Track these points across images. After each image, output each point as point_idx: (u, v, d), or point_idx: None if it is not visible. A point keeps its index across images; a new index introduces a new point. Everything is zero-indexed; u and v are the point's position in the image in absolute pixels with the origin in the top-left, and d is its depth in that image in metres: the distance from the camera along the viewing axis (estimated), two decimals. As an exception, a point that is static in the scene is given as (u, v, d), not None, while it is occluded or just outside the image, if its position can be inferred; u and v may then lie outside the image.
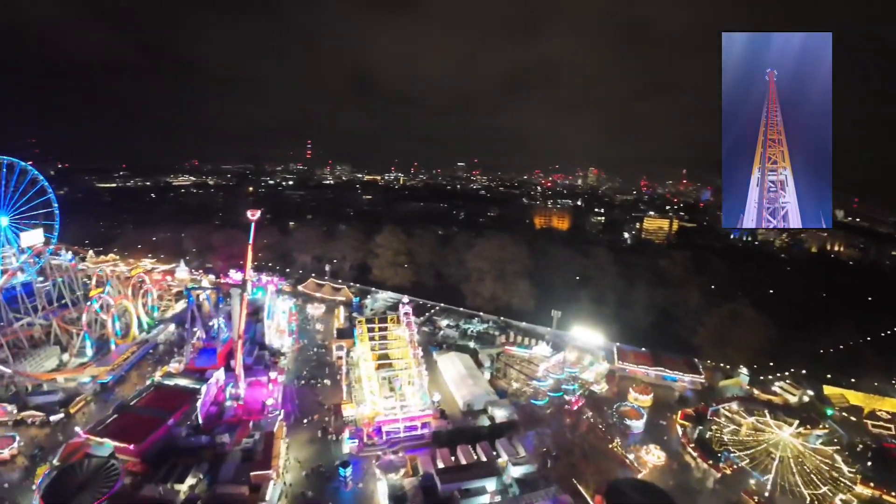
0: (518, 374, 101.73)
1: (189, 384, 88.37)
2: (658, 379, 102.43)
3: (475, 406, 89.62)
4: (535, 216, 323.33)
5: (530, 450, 74.42)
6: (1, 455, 74.46)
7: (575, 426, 78.47)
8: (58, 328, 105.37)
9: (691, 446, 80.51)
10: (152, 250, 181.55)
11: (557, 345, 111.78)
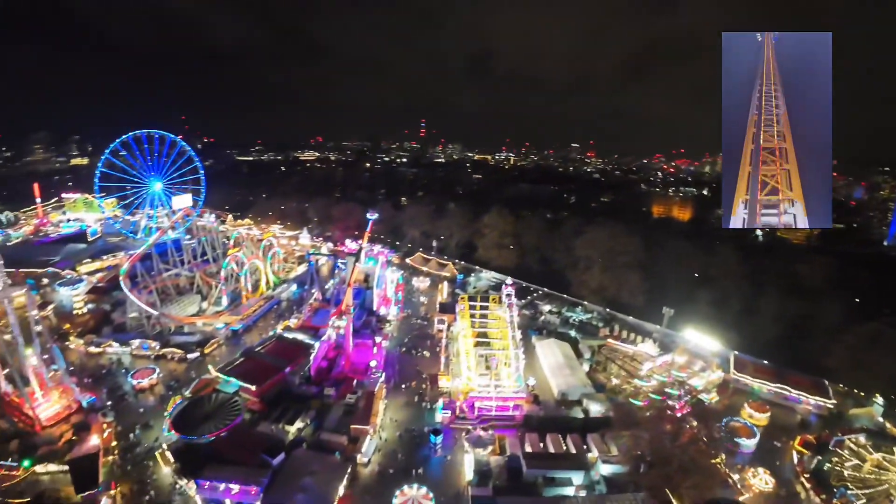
0: (619, 370, 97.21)
1: (305, 339, 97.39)
2: (778, 397, 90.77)
3: (570, 396, 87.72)
4: (653, 204, 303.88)
5: (623, 450, 70.99)
6: (142, 384, 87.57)
7: (676, 434, 72.74)
8: (200, 280, 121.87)
9: (805, 476, 71.40)
10: (280, 217, 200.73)
11: (666, 345, 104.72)
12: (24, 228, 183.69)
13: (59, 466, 68.30)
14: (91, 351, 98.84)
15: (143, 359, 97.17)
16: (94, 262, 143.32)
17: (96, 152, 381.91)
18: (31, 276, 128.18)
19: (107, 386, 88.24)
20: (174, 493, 65.68)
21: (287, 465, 66.29)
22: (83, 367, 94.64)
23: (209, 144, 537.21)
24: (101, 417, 76.67)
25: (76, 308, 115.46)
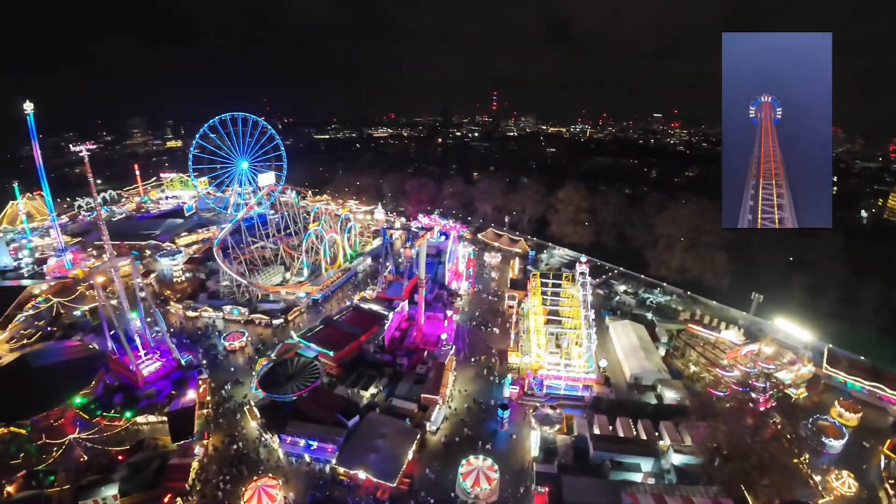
0: (698, 358, 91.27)
1: (379, 310, 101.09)
2: (873, 397, 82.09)
3: (643, 381, 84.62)
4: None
5: (698, 441, 67.57)
6: (233, 345, 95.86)
7: (756, 429, 67.69)
8: (283, 252, 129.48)
9: (891, 482, 64.82)
10: (356, 193, 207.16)
11: (752, 333, 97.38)
12: (128, 205, 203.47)
13: (158, 418, 76.70)
14: (188, 315, 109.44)
15: (234, 323, 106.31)
16: (191, 236, 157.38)
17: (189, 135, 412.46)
18: (135, 248, 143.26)
19: (202, 346, 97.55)
20: (260, 446, 71.69)
21: (361, 427, 69.76)
22: (182, 329, 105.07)
23: (288, 124, 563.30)
24: (198, 375, 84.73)
25: (175, 276, 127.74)
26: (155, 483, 64.09)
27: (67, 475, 67.17)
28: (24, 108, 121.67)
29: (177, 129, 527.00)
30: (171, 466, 66.02)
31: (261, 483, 61.87)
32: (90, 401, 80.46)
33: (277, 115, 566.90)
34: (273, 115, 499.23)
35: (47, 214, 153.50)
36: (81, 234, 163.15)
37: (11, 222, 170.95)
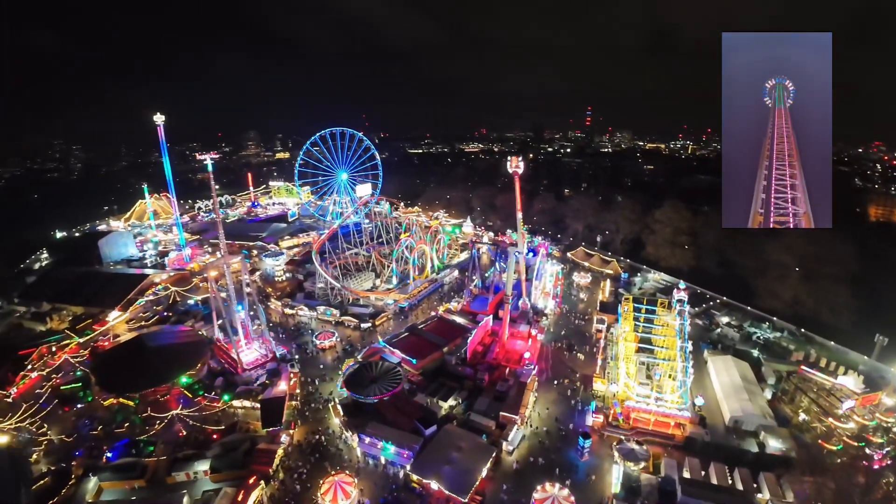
0: (810, 405, 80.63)
1: (463, 322, 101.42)
2: None
3: (744, 425, 76.16)
4: (871, 204, 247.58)
5: (801, 498, 59.79)
6: (323, 344, 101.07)
7: (868, 489, 58.53)
8: (375, 259, 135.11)
9: None
10: (446, 206, 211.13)
11: (874, 381, 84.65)
12: (240, 209, 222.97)
13: (251, 403, 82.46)
14: (286, 312, 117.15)
15: (326, 323, 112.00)
16: (293, 239, 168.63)
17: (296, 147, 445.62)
18: (244, 247, 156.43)
19: (296, 342, 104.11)
20: (340, 442, 74.43)
21: (437, 438, 69.87)
22: (279, 324, 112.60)
23: (384, 139, 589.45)
24: (290, 368, 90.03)
25: (277, 276, 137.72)
26: (243, 464, 68.60)
27: (166, 447, 74.26)
28: (156, 120, 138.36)
29: (285, 142, 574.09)
30: (259, 451, 70.45)
31: (338, 478, 64.16)
32: (194, 381, 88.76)
33: (375, 130, 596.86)
34: (371, 130, 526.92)
35: (171, 213, 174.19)
36: (199, 232, 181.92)
37: (140, 218, 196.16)
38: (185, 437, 77.00)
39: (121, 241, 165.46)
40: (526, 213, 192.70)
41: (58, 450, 76.07)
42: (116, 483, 68.57)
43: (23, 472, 68.87)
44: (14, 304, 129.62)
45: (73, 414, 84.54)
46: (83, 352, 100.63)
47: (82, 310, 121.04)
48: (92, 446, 75.79)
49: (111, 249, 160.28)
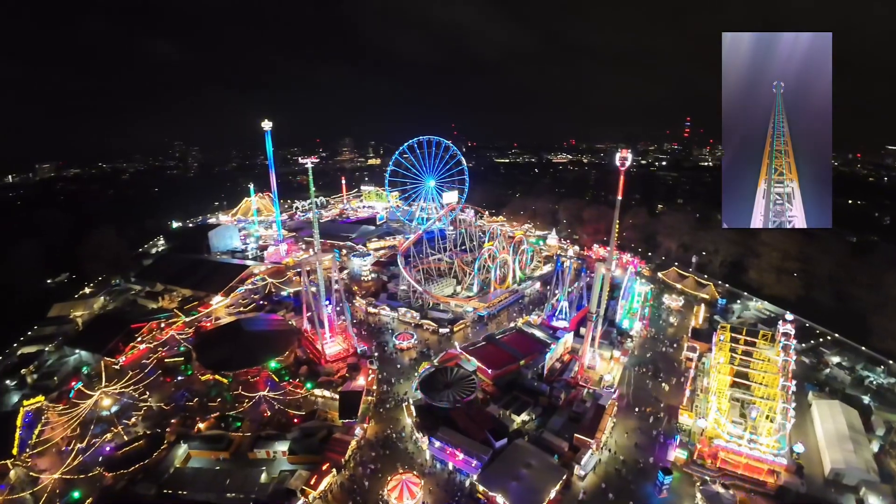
0: None
1: (542, 336, 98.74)
2: None
3: (845, 478, 67.23)
4: None
5: None
6: (402, 345, 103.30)
7: None
8: (457, 266, 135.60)
9: None
10: (531, 217, 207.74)
11: None
12: (333, 210, 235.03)
13: (331, 394, 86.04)
14: (369, 311, 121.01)
15: (406, 325, 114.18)
16: (379, 241, 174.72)
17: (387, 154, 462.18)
18: (335, 246, 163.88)
19: (376, 340, 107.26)
20: (410, 442, 75.31)
21: (507, 451, 68.44)
22: (362, 322, 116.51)
23: (471, 147, 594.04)
24: (369, 364, 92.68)
25: (363, 275, 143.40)
26: (318, 450, 72.03)
27: (251, 424, 80.00)
28: (264, 126, 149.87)
29: (377, 149, 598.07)
30: (334, 439, 73.66)
31: (405, 477, 64.92)
32: (282, 367, 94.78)
33: (463, 138, 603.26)
34: (459, 138, 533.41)
35: (272, 211, 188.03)
36: (296, 229, 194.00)
37: (245, 214, 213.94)
38: (269, 417, 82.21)
39: (227, 234, 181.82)
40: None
41: (155, 416, 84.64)
42: (204, 452, 75.08)
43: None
44: (131, 283, 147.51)
45: (173, 385, 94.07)
46: (188, 330, 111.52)
47: (190, 292, 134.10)
48: (186, 416, 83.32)
49: (218, 241, 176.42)
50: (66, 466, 72.26)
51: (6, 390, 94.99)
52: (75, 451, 74.64)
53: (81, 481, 70.33)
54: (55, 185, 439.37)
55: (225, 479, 68.08)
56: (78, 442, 76.58)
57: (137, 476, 69.68)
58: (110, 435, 79.50)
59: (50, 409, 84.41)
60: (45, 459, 75.63)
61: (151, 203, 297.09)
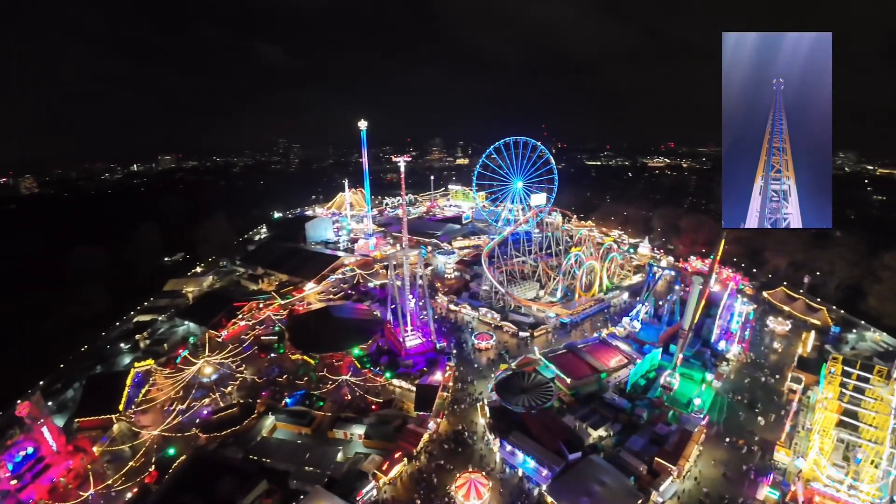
0: None
1: (627, 350, 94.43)
2: None
3: None
4: None
5: None
6: (480, 345, 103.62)
7: None
8: (542, 270, 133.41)
9: None
10: (622, 223, 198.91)
11: None
12: (421, 208, 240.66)
13: (409, 385, 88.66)
14: (451, 308, 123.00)
15: (486, 325, 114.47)
16: (464, 240, 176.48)
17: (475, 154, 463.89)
18: (422, 243, 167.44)
19: (455, 338, 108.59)
20: (482, 442, 75.42)
21: (580, 466, 66.11)
22: (443, 318, 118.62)
23: (561, 149, 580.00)
24: (447, 361, 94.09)
25: (447, 273, 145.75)
26: (392, 438, 74.74)
27: (332, 406, 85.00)
28: (360, 125, 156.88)
29: (465, 149, 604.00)
30: (408, 430, 75.78)
31: (474, 477, 65.03)
32: (364, 355, 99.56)
33: (553, 139, 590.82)
34: (549, 140, 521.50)
35: (364, 206, 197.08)
36: (384, 225, 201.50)
37: (338, 208, 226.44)
38: (349, 401, 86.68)
39: (322, 226, 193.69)
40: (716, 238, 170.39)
41: (248, 387, 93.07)
42: (289, 425, 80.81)
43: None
44: (236, 266, 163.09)
45: (267, 361, 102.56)
46: (283, 312, 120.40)
47: (286, 277, 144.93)
48: (275, 390, 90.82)
49: (314, 231, 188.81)
50: (165, 424, 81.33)
51: (120, 352, 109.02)
52: (176, 411, 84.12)
53: (178, 439, 78.72)
54: (174, 175, 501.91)
55: (305, 453, 72.59)
56: (179, 404, 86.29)
57: (228, 440, 76.60)
58: (208, 400, 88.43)
59: (158, 372, 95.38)
60: (148, 417, 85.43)
61: (257, 194, 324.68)
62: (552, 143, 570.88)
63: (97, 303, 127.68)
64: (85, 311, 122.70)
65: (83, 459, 75.14)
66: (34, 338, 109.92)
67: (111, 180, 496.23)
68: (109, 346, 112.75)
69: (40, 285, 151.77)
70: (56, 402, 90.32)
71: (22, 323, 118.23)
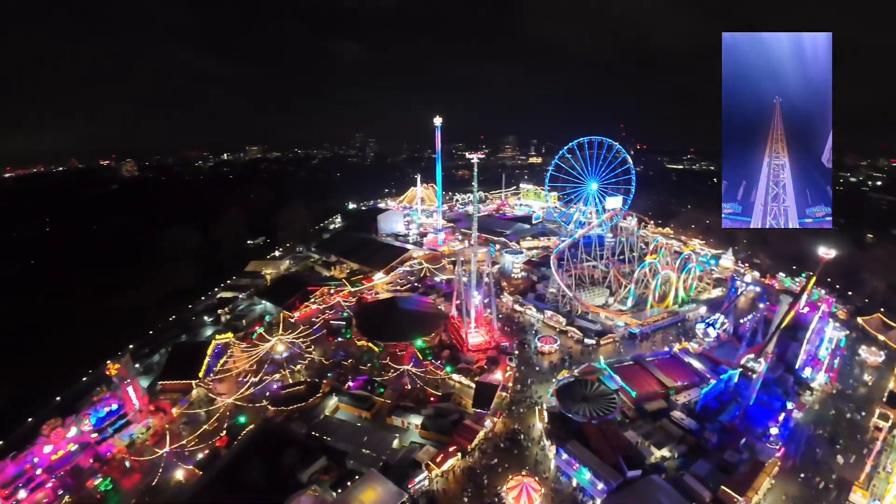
0: None
1: (701, 368, 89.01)
2: None
3: None
4: None
5: None
6: (543, 348, 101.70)
7: None
8: (613, 276, 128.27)
9: None
10: (703, 232, 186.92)
11: None
12: (490, 206, 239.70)
13: (468, 382, 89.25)
14: (515, 308, 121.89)
15: (550, 328, 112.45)
16: (533, 241, 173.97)
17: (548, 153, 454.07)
18: (490, 241, 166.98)
19: (518, 339, 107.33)
20: (537, 447, 74.37)
21: (639, 484, 63.43)
22: (507, 318, 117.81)
23: (640, 150, 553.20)
24: (508, 361, 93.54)
25: (513, 273, 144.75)
26: (448, 431, 75.73)
27: (392, 393, 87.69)
28: (435, 122, 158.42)
29: (539, 148, 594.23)
30: (464, 425, 76.50)
31: (527, 481, 64.47)
32: (426, 347, 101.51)
33: (631, 140, 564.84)
34: (627, 140, 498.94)
35: (434, 201, 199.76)
36: (453, 220, 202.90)
37: (410, 202, 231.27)
38: (409, 391, 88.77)
39: (393, 219, 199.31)
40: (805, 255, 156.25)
41: (315, 367, 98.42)
42: (350, 408, 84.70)
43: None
44: (311, 252, 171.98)
45: (334, 344, 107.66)
46: (352, 299, 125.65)
47: (357, 266, 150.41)
48: (340, 373, 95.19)
49: (385, 224, 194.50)
50: (239, 394, 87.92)
51: (203, 324, 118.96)
52: (249, 383, 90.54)
53: (248, 409, 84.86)
54: (260, 165, 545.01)
55: (363, 436, 75.57)
56: (252, 376, 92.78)
57: (293, 415, 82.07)
58: (278, 376, 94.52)
59: (235, 345, 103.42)
60: (224, 385, 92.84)
61: (333, 186, 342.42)
62: (630, 144, 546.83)
63: (186, 277, 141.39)
64: (175, 284, 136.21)
65: (162, 419, 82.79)
66: (129, 306, 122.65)
67: (204, 168, 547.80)
68: (194, 317, 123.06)
69: (137, 260, 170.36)
70: (143, 365, 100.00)
71: (121, 292, 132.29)
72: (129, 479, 72.44)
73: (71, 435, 74.74)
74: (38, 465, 70.53)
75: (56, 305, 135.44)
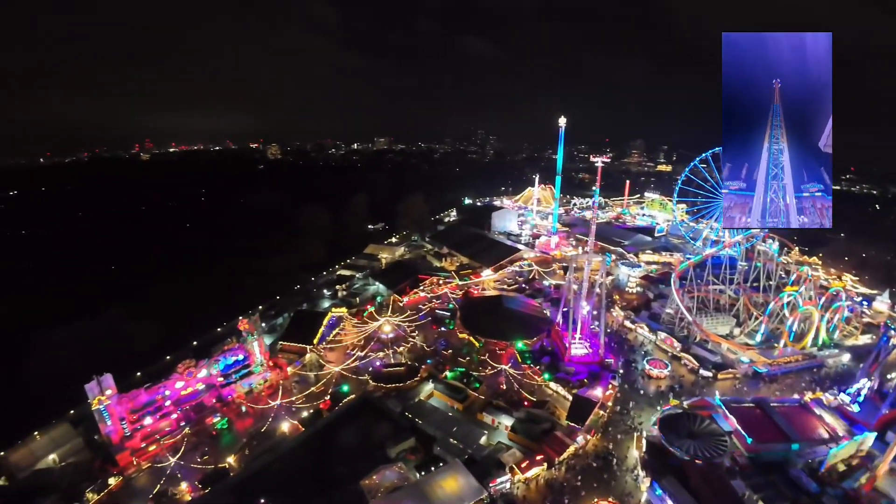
0: None
1: (833, 424, 77.47)
2: None
3: None
4: None
5: None
6: (651, 371, 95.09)
7: None
8: (743, 304, 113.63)
9: None
10: (858, 267, 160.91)
11: None
12: (610, 213, 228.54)
13: (565, 393, 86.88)
14: (626, 325, 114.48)
15: (662, 352, 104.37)
16: (654, 255, 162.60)
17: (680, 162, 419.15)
18: (606, 250, 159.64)
19: (625, 357, 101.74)
20: (630, 474, 70.15)
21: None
22: (615, 333, 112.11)
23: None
24: (611, 379, 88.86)
25: (628, 286, 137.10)
26: (538, 439, 74.66)
27: (487, 390, 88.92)
28: (560, 122, 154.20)
29: (669, 155, 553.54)
30: (555, 437, 74.89)
31: (614, 508, 61.05)
32: (527, 350, 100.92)
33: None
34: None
35: (551, 203, 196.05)
36: (569, 225, 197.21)
37: (525, 202, 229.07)
38: (504, 391, 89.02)
39: (507, 217, 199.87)
40: None
41: (417, 351, 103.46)
42: (444, 396, 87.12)
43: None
44: (426, 242, 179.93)
45: (437, 333, 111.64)
46: (458, 291, 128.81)
47: (467, 260, 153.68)
48: (439, 361, 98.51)
49: (499, 221, 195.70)
50: (345, 364, 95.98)
51: (322, 297, 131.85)
52: (355, 356, 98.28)
53: (352, 380, 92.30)
54: (385, 156, 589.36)
55: (453, 426, 77.44)
56: (359, 350, 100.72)
57: (391, 393, 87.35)
58: (382, 354, 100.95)
59: (348, 319, 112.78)
60: (333, 354, 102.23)
61: (452, 180, 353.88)
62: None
63: (314, 252, 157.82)
64: (304, 257, 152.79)
65: (278, 375, 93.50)
66: (264, 272, 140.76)
67: (336, 155, 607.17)
68: (315, 289, 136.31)
69: (275, 232, 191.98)
70: (268, 325, 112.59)
71: (259, 258, 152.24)
72: (242, 423, 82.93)
73: (201, 375, 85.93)
74: (169, 398, 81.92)
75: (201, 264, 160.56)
